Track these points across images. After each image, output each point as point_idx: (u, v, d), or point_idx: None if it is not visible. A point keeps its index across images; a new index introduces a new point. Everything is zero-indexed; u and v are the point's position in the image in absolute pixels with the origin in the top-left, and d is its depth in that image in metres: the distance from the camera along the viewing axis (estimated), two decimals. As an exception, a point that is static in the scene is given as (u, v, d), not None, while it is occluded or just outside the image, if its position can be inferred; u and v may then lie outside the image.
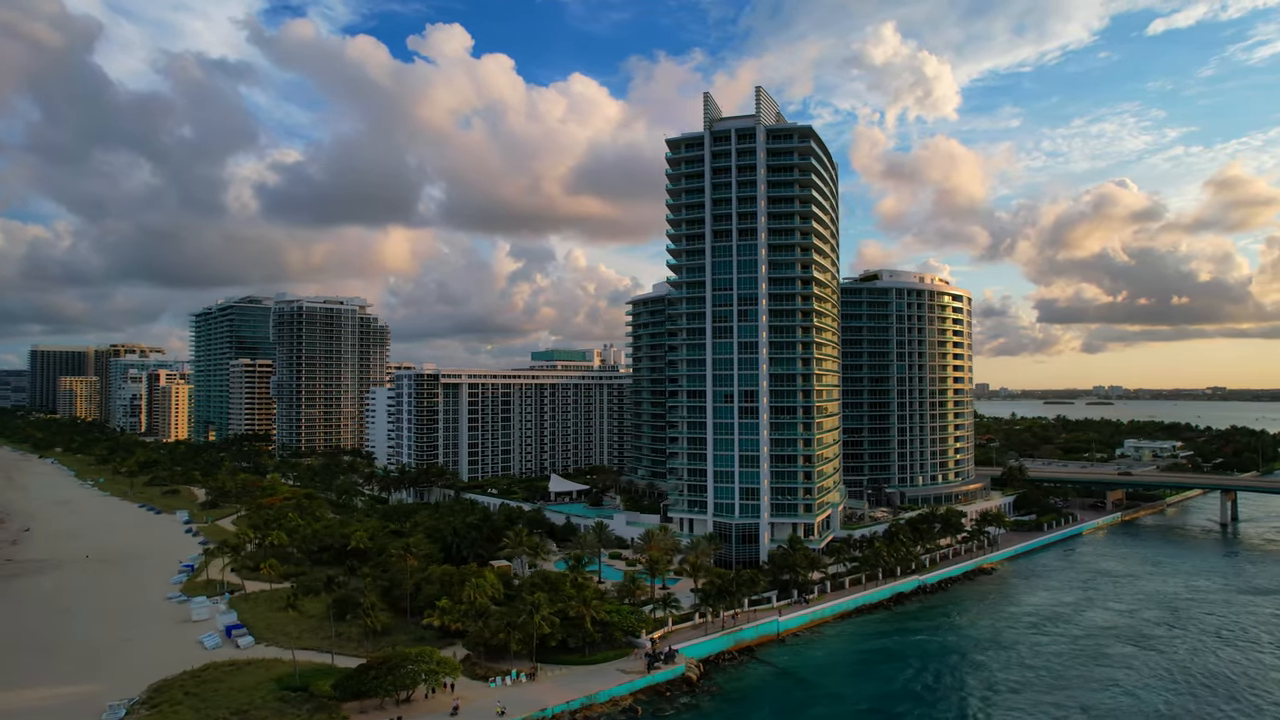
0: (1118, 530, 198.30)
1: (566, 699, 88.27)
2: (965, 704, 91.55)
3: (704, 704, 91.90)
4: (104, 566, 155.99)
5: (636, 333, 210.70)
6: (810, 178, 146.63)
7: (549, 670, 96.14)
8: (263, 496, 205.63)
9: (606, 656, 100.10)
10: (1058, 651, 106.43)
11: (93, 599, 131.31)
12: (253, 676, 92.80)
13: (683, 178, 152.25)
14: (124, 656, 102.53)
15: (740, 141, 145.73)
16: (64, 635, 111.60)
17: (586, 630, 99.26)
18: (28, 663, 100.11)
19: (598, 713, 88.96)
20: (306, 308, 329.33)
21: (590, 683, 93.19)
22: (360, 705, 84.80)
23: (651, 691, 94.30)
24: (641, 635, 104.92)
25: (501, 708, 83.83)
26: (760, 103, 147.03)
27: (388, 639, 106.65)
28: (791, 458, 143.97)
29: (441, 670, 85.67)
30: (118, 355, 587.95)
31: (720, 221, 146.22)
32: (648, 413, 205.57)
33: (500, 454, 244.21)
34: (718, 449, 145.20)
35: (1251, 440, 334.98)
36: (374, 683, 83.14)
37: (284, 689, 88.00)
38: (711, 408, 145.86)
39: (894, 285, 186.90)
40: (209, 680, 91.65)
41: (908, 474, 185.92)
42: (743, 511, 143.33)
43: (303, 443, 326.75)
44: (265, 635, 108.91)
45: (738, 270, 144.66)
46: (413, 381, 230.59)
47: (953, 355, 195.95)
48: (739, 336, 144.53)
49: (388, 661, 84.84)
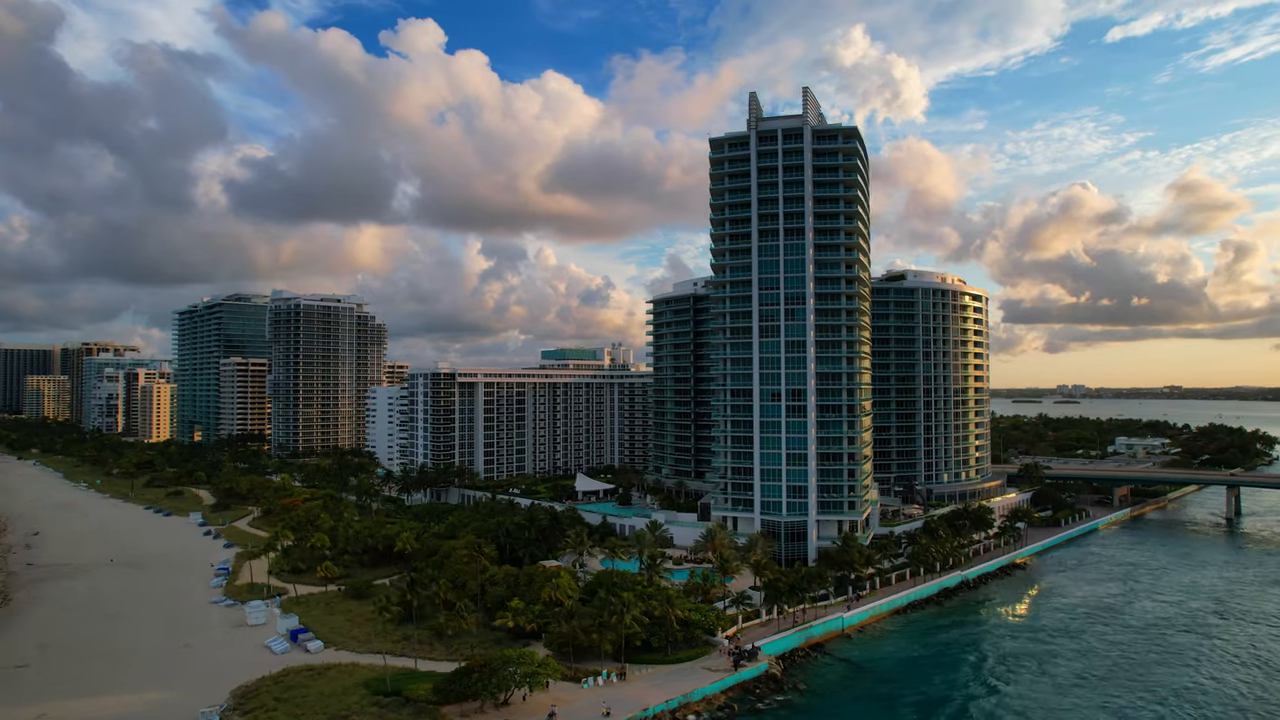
0: (1129, 525, 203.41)
1: (665, 698, 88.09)
2: (1061, 689, 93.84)
3: (795, 700, 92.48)
4: (132, 570, 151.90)
5: (659, 331, 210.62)
6: (855, 178, 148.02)
7: (636, 670, 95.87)
8: (279, 498, 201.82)
9: (689, 655, 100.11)
10: (1125, 640, 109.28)
11: (134, 603, 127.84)
12: (337, 682, 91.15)
13: (726, 177, 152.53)
14: (192, 662, 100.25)
15: (787, 141, 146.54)
16: (122, 641, 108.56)
17: (671, 629, 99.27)
18: (99, 669, 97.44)
19: (694, 711, 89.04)
20: (304, 305, 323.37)
21: (680, 682, 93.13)
22: (460, 709, 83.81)
23: (740, 689, 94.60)
24: (718, 633, 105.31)
25: (606, 709, 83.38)
26: (806, 103, 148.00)
27: (459, 641, 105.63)
28: (837, 455, 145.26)
29: (543, 672, 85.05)
30: (90, 354, 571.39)
31: (766, 221, 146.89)
32: (671, 412, 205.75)
33: (515, 453, 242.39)
34: (765, 447, 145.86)
35: (1233, 437, 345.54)
36: (477, 685, 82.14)
37: (376, 694, 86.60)
38: (759, 406, 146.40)
39: (920, 285, 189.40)
40: (294, 686, 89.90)
41: (933, 471, 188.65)
42: (790, 509, 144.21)
43: (300, 443, 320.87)
44: (332, 639, 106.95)
45: (785, 269, 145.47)
46: (428, 380, 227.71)
47: (974, 354, 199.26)
48: (786, 335, 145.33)
49: (489, 664, 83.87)
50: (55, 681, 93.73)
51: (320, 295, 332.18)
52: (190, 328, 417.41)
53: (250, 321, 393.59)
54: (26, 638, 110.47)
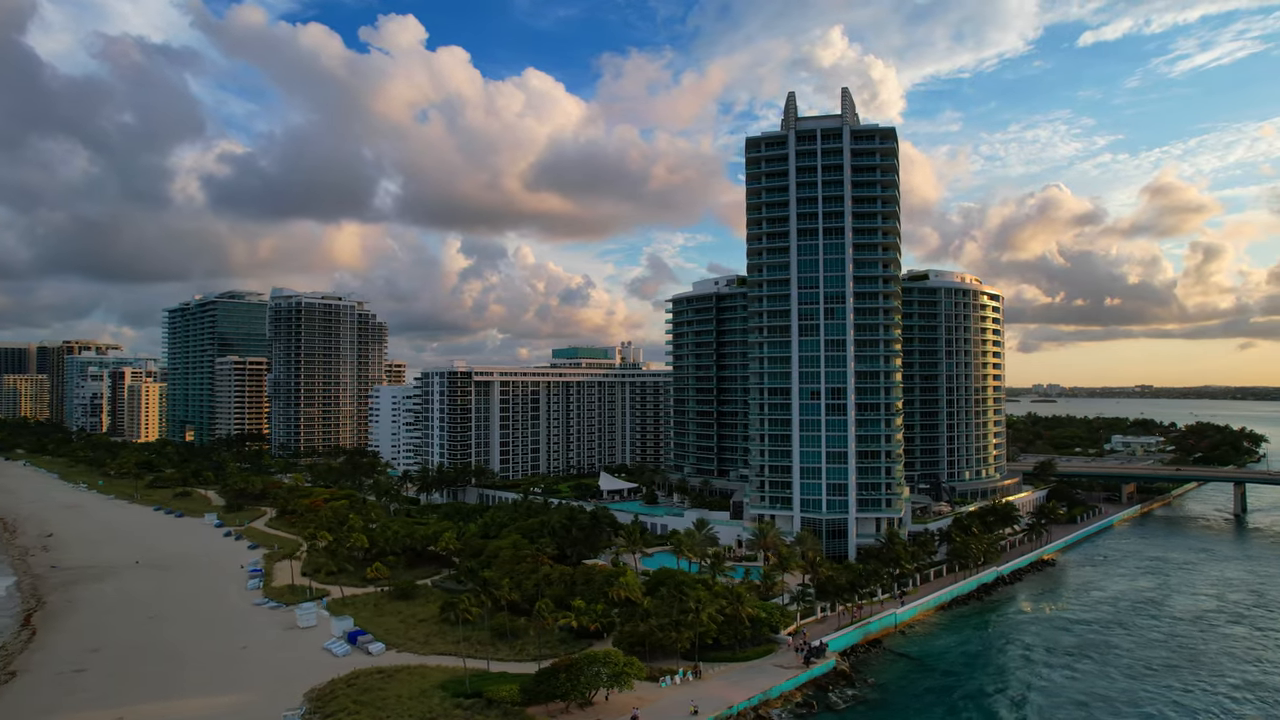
0: (1140, 522, 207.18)
1: (746, 696, 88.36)
2: (1131, 678, 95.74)
3: (868, 696, 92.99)
4: (159, 572, 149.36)
5: (679, 330, 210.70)
6: (892, 177, 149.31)
7: (709, 668, 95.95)
8: (295, 498, 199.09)
9: (757, 653, 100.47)
10: (1180, 632, 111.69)
11: (173, 605, 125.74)
12: (409, 684, 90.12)
13: (763, 176, 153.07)
14: (252, 664, 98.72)
15: (825, 141, 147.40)
16: (174, 643, 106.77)
17: (742, 627, 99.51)
18: (160, 672, 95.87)
19: (774, 708, 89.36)
20: (305, 304, 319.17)
21: (756, 679, 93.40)
22: (547, 709, 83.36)
23: (813, 686, 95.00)
24: (780, 631, 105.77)
25: (694, 707, 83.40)
26: (844, 103, 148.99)
27: (519, 641, 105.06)
28: (875, 453, 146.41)
29: (630, 671, 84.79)
30: (71, 352, 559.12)
31: (805, 220, 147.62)
32: (693, 411, 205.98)
33: (530, 452, 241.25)
34: (804, 445, 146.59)
35: (1222, 435, 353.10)
36: (566, 685, 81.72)
37: (456, 696, 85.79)
38: (798, 405, 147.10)
39: (942, 285, 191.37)
40: (368, 689, 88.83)
41: (955, 469, 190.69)
42: (830, 507, 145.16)
43: (301, 442, 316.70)
44: (391, 641, 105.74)
45: (824, 269, 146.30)
46: (444, 379, 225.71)
47: (992, 353, 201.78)
48: (826, 334, 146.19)
49: (575, 664, 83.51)
50: (121, 685, 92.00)
51: (321, 293, 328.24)
52: (181, 326, 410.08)
53: (244, 320, 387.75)
54: (75, 641, 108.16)
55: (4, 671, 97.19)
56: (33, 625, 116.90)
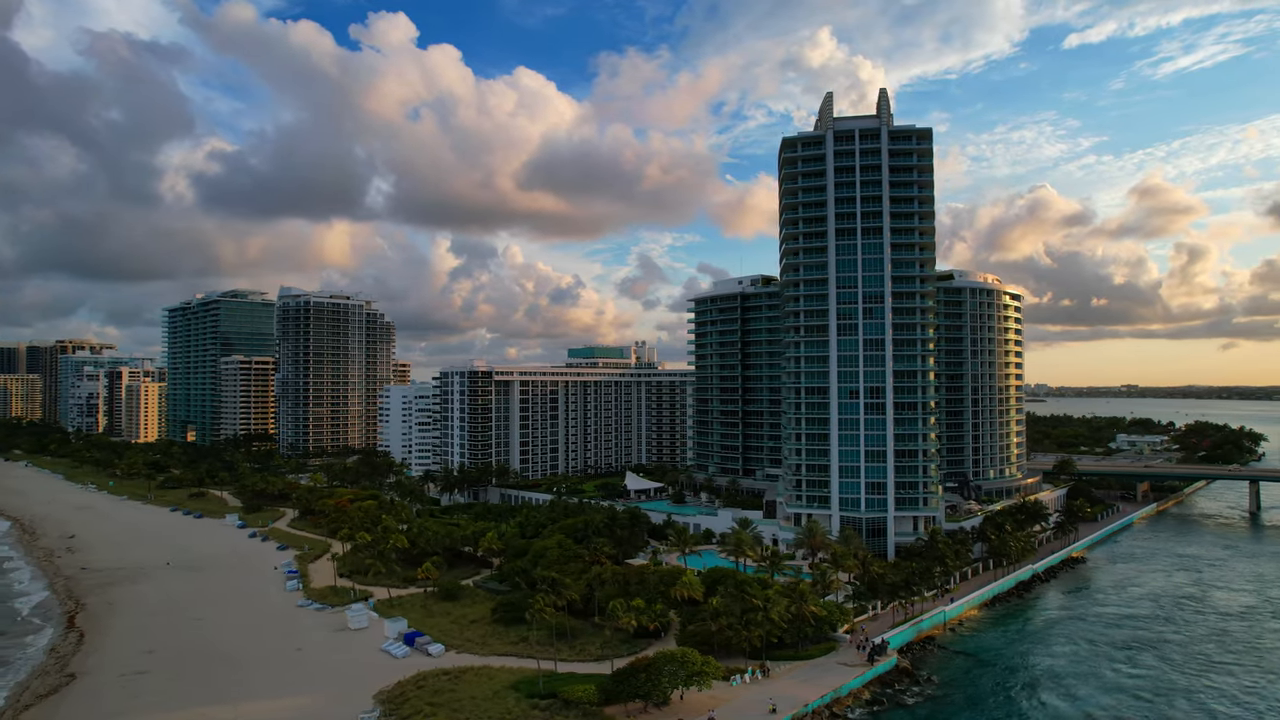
0: (1157, 520, 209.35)
1: (818, 694, 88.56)
2: (1192, 673, 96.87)
3: (937, 693, 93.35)
4: (192, 573, 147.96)
5: (703, 330, 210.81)
6: (928, 178, 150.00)
7: (775, 666, 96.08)
8: (317, 499, 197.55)
9: (819, 651, 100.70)
10: (1230, 628, 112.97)
11: (214, 607, 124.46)
12: (478, 686, 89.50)
13: (799, 176, 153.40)
14: (311, 667, 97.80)
15: (864, 141, 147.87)
16: (227, 645, 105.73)
17: (805, 626, 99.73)
18: (221, 674, 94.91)
19: (845, 706, 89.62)
20: (314, 303, 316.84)
21: (823, 677, 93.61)
22: (625, 709, 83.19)
23: (878, 683, 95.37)
24: (839, 629, 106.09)
25: (773, 705, 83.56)
26: (882, 104, 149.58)
27: (578, 641, 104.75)
28: (913, 452, 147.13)
29: (708, 670, 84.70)
30: (65, 352, 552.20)
31: (844, 220, 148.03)
32: (716, 410, 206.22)
33: (549, 452, 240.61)
34: (843, 444, 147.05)
35: (1223, 434, 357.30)
36: (646, 685, 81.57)
37: (531, 696, 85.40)
38: (836, 404, 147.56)
39: (967, 285, 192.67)
40: (439, 690, 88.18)
41: (980, 468, 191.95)
42: (869, 506, 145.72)
43: (310, 442, 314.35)
44: (449, 642, 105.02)
45: (863, 268, 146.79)
46: (464, 379, 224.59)
47: (1014, 352, 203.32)
48: (864, 334, 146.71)
49: (654, 663, 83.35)
50: (185, 687, 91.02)
51: (329, 292, 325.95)
52: (182, 325, 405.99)
53: (248, 319, 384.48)
54: (128, 643, 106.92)
55: (62, 674, 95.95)
56: (78, 628, 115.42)
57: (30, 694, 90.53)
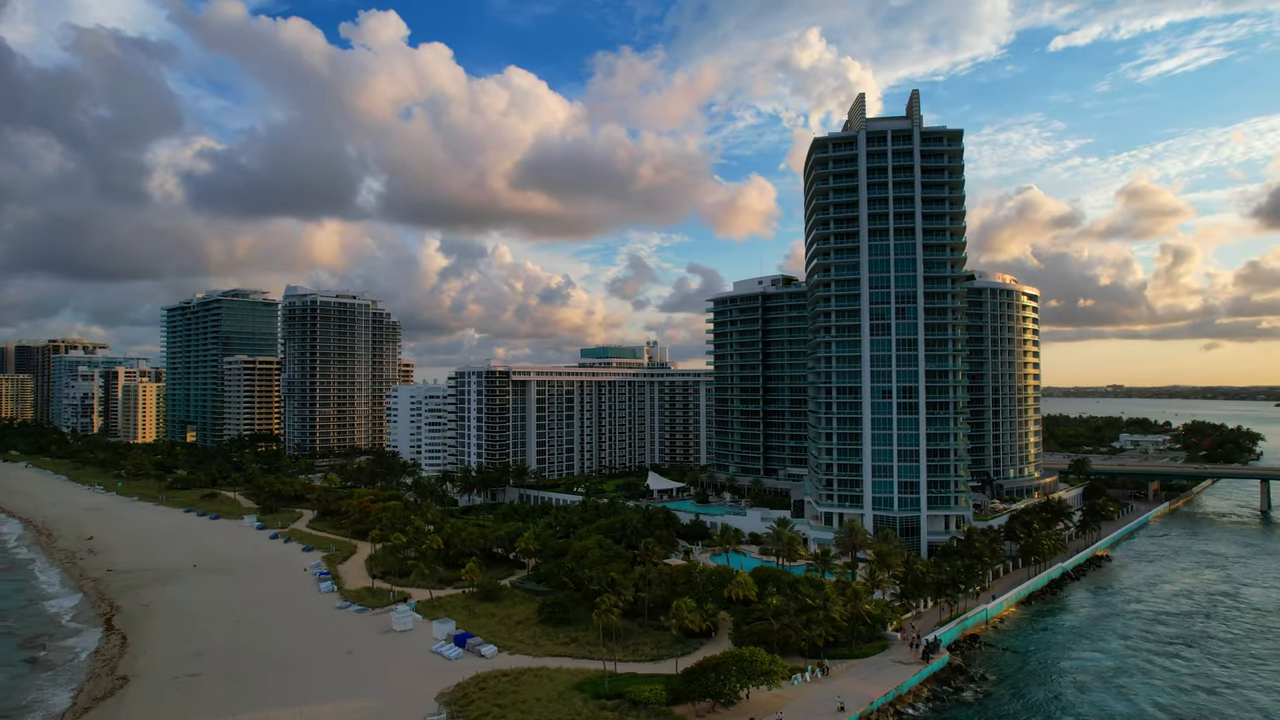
0: (1170, 518, 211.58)
1: (881, 691, 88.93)
2: (1247, 665, 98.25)
3: (993, 690, 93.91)
4: (220, 575, 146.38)
5: (723, 330, 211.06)
6: (959, 178, 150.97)
7: (834, 665, 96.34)
8: (335, 499, 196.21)
9: (873, 649, 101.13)
10: (1272, 625, 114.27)
11: (252, 609, 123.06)
12: (540, 687, 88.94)
13: (830, 176, 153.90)
14: (366, 669, 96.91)
15: (896, 142, 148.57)
16: (275, 648, 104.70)
17: (860, 624, 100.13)
18: (275, 677, 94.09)
19: (907, 704, 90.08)
20: (320, 302, 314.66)
21: (881, 675, 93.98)
22: (694, 708, 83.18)
23: (935, 681, 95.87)
24: (889, 627, 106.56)
25: (840, 703, 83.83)
26: (913, 105, 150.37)
27: (630, 641, 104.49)
28: (945, 451, 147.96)
29: (776, 669, 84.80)
30: (58, 351, 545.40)
31: (876, 220, 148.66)
32: (737, 410, 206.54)
33: (565, 452, 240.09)
34: (876, 444, 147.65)
35: (1222, 434, 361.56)
36: (716, 684, 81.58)
37: (597, 697, 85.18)
38: (869, 404, 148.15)
39: (988, 285, 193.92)
40: (502, 692, 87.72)
41: (1000, 467, 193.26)
42: (902, 505, 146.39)
43: (317, 443, 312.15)
44: (500, 643, 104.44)
45: (896, 268, 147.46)
46: (481, 379, 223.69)
47: (1032, 352, 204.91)
48: (897, 334, 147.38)
49: (722, 663, 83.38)
50: (242, 690, 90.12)
51: (335, 291, 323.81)
52: (182, 325, 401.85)
53: (249, 318, 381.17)
54: (173, 645, 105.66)
55: (114, 677, 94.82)
56: (118, 630, 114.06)
57: (86, 696, 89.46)
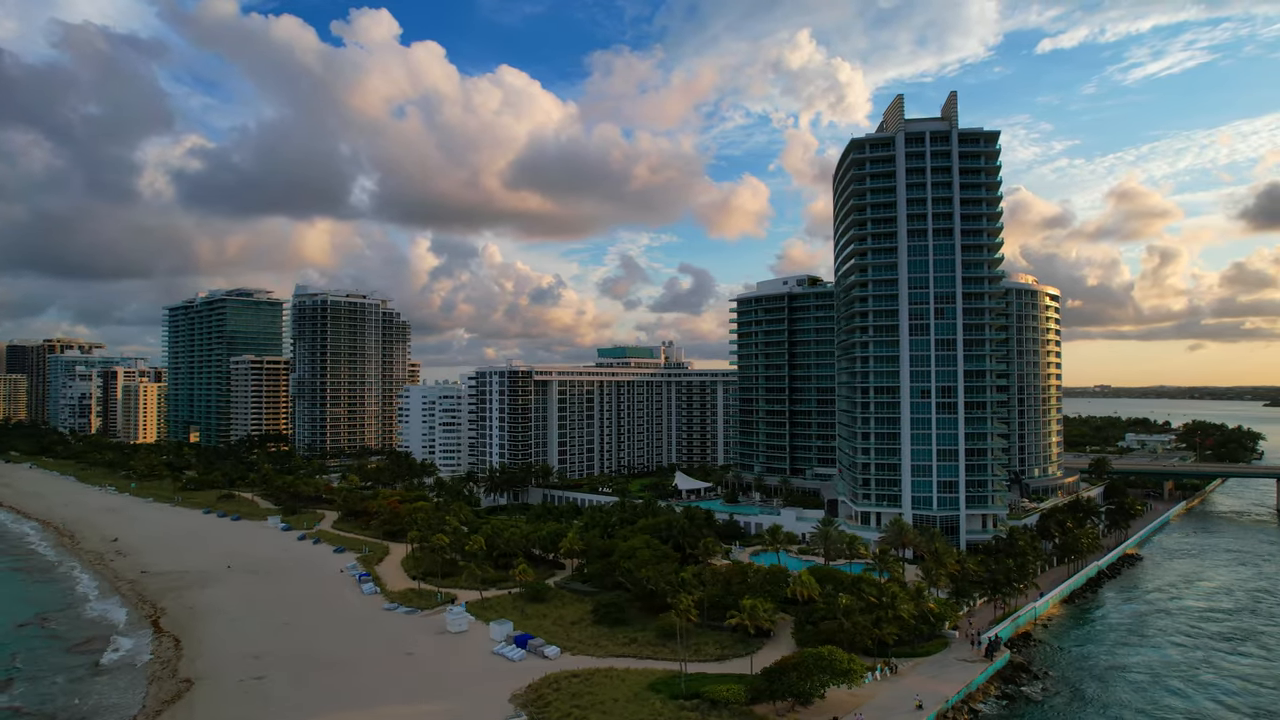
0: (1187, 517, 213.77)
1: (954, 689, 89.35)
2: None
3: (1059, 688, 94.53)
4: (257, 577, 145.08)
5: (748, 330, 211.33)
6: (996, 179, 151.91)
7: (900, 663, 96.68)
8: (361, 501, 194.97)
9: (934, 647, 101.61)
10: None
11: (297, 611, 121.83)
12: (614, 688, 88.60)
13: (867, 177, 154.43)
14: (431, 671, 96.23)
15: (934, 143, 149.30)
16: (332, 650, 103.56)
17: (924, 623, 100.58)
18: (339, 680, 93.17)
19: (978, 701, 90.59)
20: (331, 302, 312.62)
21: (948, 673, 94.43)
22: (774, 708, 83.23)
23: (999, 678, 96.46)
24: (945, 626, 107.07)
25: (919, 702, 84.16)
26: (950, 106, 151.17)
27: (691, 642, 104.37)
28: (982, 451, 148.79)
29: (855, 668, 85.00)
30: (53, 351, 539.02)
31: (915, 221, 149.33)
32: (762, 410, 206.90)
33: (585, 452, 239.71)
34: (914, 444, 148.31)
35: (1223, 434, 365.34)
36: (799, 683, 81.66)
37: (675, 697, 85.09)
38: (908, 403, 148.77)
39: (1013, 286, 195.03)
40: (577, 693, 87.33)
41: (1026, 466, 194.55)
42: (941, 504, 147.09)
43: (328, 443, 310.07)
44: (561, 644, 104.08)
45: (934, 269, 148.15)
46: (503, 379, 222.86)
47: (1054, 352, 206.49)
48: (936, 334, 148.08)
49: (803, 663, 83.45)
50: (310, 692, 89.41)
51: (346, 291, 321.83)
52: (185, 325, 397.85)
53: (254, 318, 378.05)
54: (228, 648, 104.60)
55: (177, 680, 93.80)
56: (167, 633, 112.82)
57: (154, 699, 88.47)
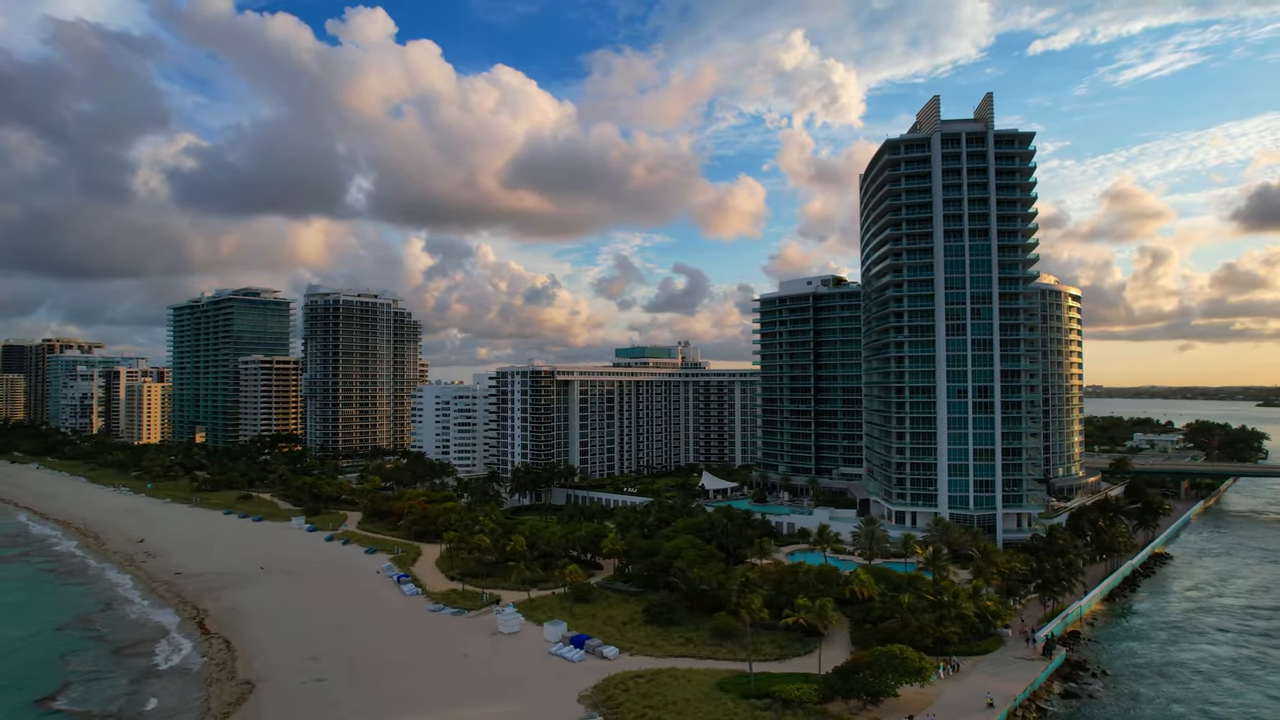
0: (1206, 516, 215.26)
1: (1019, 687, 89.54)
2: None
3: (1119, 685, 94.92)
4: (293, 578, 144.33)
5: (773, 330, 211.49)
6: (1031, 180, 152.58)
7: (961, 662, 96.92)
8: (386, 501, 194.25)
9: (989, 646, 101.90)
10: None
11: (344, 614, 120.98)
12: (683, 688, 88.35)
13: (903, 178, 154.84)
14: (493, 672, 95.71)
15: (970, 145, 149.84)
16: (386, 651, 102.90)
17: (981, 622, 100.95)
18: (400, 681, 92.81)
19: (1043, 700, 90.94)
20: (343, 301, 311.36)
21: (1010, 671, 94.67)
22: (848, 706, 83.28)
23: (1057, 677, 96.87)
24: (998, 625, 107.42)
25: (990, 700, 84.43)
26: (985, 107, 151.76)
27: (748, 640, 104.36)
28: (1017, 450, 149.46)
29: (926, 666, 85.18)
30: (53, 351, 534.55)
31: (951, 221, 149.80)
32: (786, 410, 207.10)
33: (606, 452, 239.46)
34: (951, 443, 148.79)
35: (1228, 434, 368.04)
36: (872, 683, 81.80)
37: (745, 697, 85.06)
38: (945, 403, 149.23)
39: (1037, 287, 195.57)
40: (645, 694, 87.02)
41: (1050, 465, 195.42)
42: (977, 503, 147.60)
43: (340, 443, 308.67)
44: (617, 645, 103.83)
45: (970, 269, 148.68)
46: (526, 379, 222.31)
47: (1076, 353, 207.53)
48: (972, 334, 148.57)
49: (875, 662, 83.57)
50: (374, 694, 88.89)
51: (358, 290, 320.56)
52: (190, 324, 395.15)
53: (261, 317, 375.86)
54: (284, 650, 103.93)
55: (238, 682, 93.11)
56: (216, 634, 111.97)
57: (218, 701, 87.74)
